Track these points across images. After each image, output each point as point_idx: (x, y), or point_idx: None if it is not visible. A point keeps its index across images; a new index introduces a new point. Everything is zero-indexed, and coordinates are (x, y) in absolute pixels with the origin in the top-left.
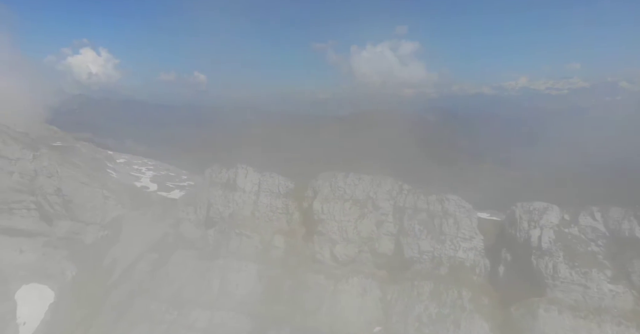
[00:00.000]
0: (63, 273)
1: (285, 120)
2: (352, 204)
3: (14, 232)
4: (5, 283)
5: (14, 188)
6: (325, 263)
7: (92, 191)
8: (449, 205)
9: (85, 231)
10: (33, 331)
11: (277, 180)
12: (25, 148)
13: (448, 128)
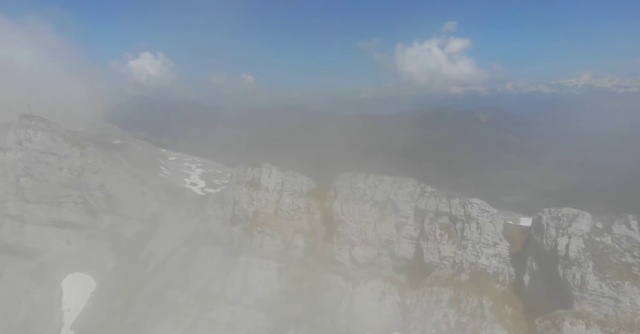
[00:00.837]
0: (104, 264)
1: (328, 119)
2: (372, 206)
3: (63, 224)
4: (54, 271)
5: (63, 183)
6: (344, 265)
7: (132, 188)
8: (472, 209)
9: (125, 225)
10: (76, 317)
11: (299, 180)
12: (74, 145)
13: (501, 128)
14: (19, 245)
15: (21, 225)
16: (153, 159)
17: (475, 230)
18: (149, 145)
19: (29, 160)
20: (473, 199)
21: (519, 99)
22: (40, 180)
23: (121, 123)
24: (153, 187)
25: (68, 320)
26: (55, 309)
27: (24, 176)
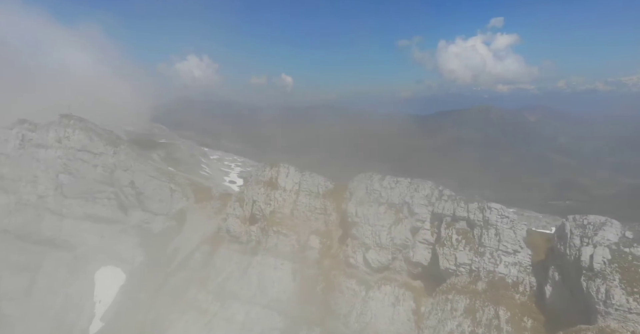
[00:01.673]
0: (133, 258)
1: (364, 119)
2: (387, 208)
3: (97, 219)
4: (88, 263)
5: (97, 179)
6: (358, 268)
7: (161, 185)
8: (491, 215)
9: (154, 220)
10: (105, 309)
11: (316, 180)
12: (108, 144)
13: (551, 128)
14: (57, 238)
15: (60, 219)
16: (195, 157)
17: (494, 236)
18: (192, 144)
19: (67, 157)
20: (492, 204)
21: (572, 97)
22: (77, 177)
23: (168, 123)
24: (181, 185)
25: (99, 312)
26: (88, 301)
27: (62, 173)
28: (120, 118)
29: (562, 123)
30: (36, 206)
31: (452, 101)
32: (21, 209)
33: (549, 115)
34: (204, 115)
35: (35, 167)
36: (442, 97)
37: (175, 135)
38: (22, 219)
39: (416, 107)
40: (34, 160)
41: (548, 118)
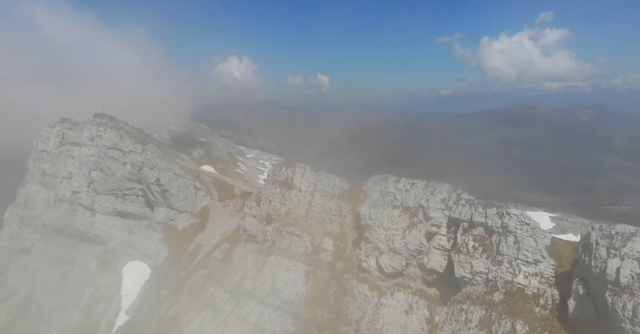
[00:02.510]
0: (158, 254)
1: (401, 118)
2: (402, 212)
3: (126, 215)
4: (117, 258)
5: (126, 177)
6: (371, 273)
7: (186, 183)
8: (510, 221)
9: (178, 218)
10: (131, 303)
11: (332, 181)
12: (137, 142)
13: (605, 128)
14: (89, 232)
15: (92, 214)
16: (232, 156)
17: (513, 244)
18: (230, 143)
19: (98, 155)
20: (512, 209)
21: (629, 96)
22: (108, 174)
23: (209, 122)
24: (206, 183)
25: (125, 305)
26: (115, 294)
27: (94, 170)
28: (164, 118)
29: (618, 123)
30: (71, 201)
31: (496, 99)
32: (57, 204)
33: (603, 114)
34: (243, 114)
35: (71, 164)
36: (485, 95)
37: (215, 134)
38: (58, 213)
39: (457, 105)
40: (70, 157)
41: (602, 118)
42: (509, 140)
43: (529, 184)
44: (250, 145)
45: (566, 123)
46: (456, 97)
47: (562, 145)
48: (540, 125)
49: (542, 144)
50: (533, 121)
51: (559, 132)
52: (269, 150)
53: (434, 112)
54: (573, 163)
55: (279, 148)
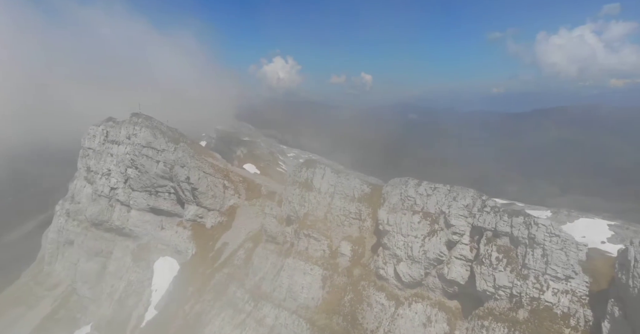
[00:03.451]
0: (186, 251)
1: (449, 117)
2: (422, 218)
3: (158, 211)
4: (149, 253)
5: (159, 174)
6: (389, 281)
7: (214, 181)
8: (538, 232)
9: (207, 215)
10: (159, 298)
11: (352, 183)
12: (170, 141)
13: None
14: (125, 227)
15: (128, 210)
16: (273, 155)
17: (540, 257)
18: (272, 142)
19: (134, 153)
20: (540, 219)
21: None
22: (142, 171)
23: (254, 121)
24: (234, 182)
25: (154, 300)
26: (146, 289)
27: (130, 167)
28: (212, 118)
29: None
30: (109, 197)
31: (553, 97)
32: (97, 199)
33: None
34: (286, 114)
35: (109, 161)
36: (540, 93)
37: (259, 134)
38: (98, 208)
39: (509, 104)
40: (109, 154)
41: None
42: (566, 141)
43: (587, 188)
44: (291, 144)
45: (634, 123)
46: (508, 95)
47: (626, 147)
48: (603, 125)
49: (604, 146)
50: (595, 121)
51: (624, 133)
52: (310, 149)
53: (482, 110)
54: (638, 167)
55: (320, 147)
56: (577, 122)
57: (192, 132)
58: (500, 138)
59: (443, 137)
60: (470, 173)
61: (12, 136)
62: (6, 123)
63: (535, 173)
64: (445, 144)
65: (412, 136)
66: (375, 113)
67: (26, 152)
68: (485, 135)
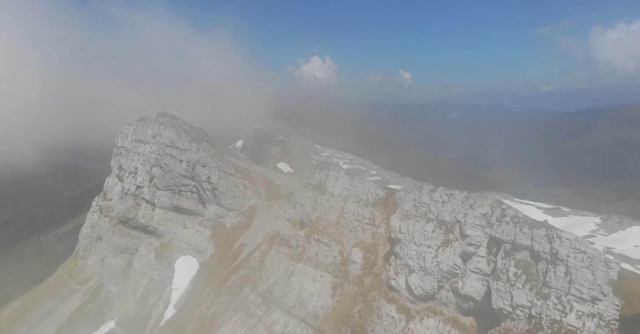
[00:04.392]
0: (206, 251)
1: (493, 116)
2: (436, 226)
3: (181, 210)
4: (171, 252)
5: (182, 174)
6: (400, 292)
7: (235, 181)
8: (561, 247)
9: (227, 215)
10: (178, 297)
11: (366, 187)
12: (193, 141)
13: None
14: (150, 225)
15: (152, 208)
16: (307, 154)
17: (563, 275)
18: (306, 141)
19: (158, 152)
20: (564, 233)
21: None
22: (166, 170)
23: (291, 121)
24: (255, 182)
25: (174, 298)
26: (167, 287)
27: (155, 166)
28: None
29: None
30: (135, 195)
31: (609, 96)
32: (124, 197)
33: None
34: (322, 113)
35: (136, 160)
36: (594, 91)
37: (295, 133)
38: (125, 206)
39: (560, 102)
40: (136, 153)
41: None
42: (623, 142)
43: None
44: (327, 143)
45: None
46: (559, 93)
47: None
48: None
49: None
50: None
51: None
52: (345, 148)
53: (532, 109)
54: None
55: (356, 146)
56: (635, 122)
57: (230, 131)
58: (551, 138)
59: (488, 137)
60: (516, 175)
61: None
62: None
63: (589, 177)
64: (490, 144)
65: (453, 135)
66: (414, 112)
67: (85, 148)
68: (534, 135)
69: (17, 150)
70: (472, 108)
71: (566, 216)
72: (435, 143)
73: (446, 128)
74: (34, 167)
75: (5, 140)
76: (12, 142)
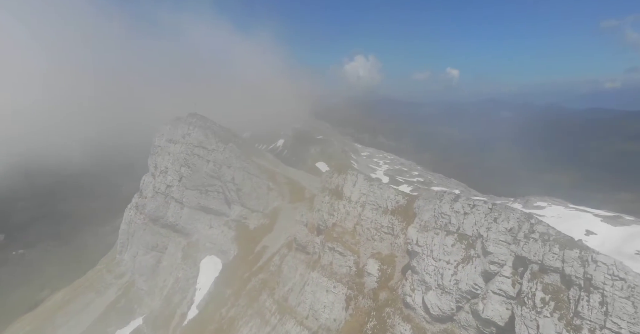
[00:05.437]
0: (229, 252)
1: (549, 115)
2: (457, 240)
3: (208, 210)
4: (197, 251)
5: (209, 174)
6: (416, 311)
7: (259, 182)
8: (596, 272)
9: (250, 217)
10: (201, 298)
11: (385, 193)
12: (220, 141)
13: None
14: (178, 224)
15: (181, 207)
16: (346, 154)
17: (598, 306)
18: (346, 141)
19: (186, 152)
20: (600, 256)
21: None
22: (194, 170)
23: (332, 120)
24: (279, 183)
25: (197, 299)
26: (191, 287)
27: (184, 166)
28: (291, 117)
29: None
30: (165, 194)
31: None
32: (155, 196)
33: None
34: (364, 112)
35: (167, 159)
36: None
37: (335, 132)
38: (155, 204)
39: (627, 101)
40: (167, 153)
41: None
42: None
43: None
44: (368, 143)
45: None
46: (626, 91)
47: None
48: None
49: None
50: None
51: None
52: (386, 148)
53: (590, 108)
54: None
55: (398, 146)
56: None
57: (272, 131)
58: (613, 138)
59: (542, 137)
60: (572, 179)
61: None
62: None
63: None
64: (544, 145)
65: (503, 135)
66: (462, 110)
67: (139, 145)
68: (594, 135)
69: (66, 146)
70: (524, 107)
71: (628, 226)
72: (484, 143)
73: (496, 128)
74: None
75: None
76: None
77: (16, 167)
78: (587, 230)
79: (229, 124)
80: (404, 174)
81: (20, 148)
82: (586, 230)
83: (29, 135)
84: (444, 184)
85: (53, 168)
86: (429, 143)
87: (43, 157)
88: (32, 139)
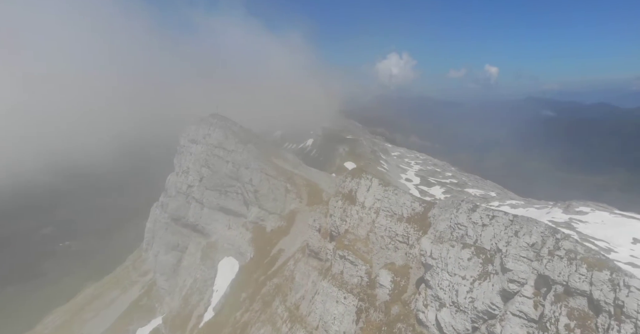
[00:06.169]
0: (246, 254)
1: (590, 114)
2: (474, 254)
3: (227, 211)
4: (216, 252)
5: (228, 174)
6: (429, 329)
7: (277, 184)
8: (629, 299)
9: (268, 219)
10: (217, 300)
11: (401, 199)
12: (240, 142)
13: None
14: (198, 224)
15: (201, 208)
16: (375, 153)
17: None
18: (376, 141)
19: (207, 153)
20: (634, 280)
21: None
22: (214, 171)
23: (362, 119)
24: (297, 185)
25: (214, 300)
26: (208, 288)
27: (204, 166)
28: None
29: None
30: (186, 194)
31: None
32: (177, 195)
33: None
34: (397, 111)
35: (189, 159)
36: None
37: (365, 132)
38: (176, 204)
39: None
40: (189, 153)
41: None
42: None
43: None
44: (400, 142)
45: None
46: None
47: None
48: None
49: None
50: None
51: None
52: (419, 148)
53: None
54: None
55: (432, 146)
56: None
57: (302, 130)
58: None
59: (589, 137)
60: (622, 182)
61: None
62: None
63: None
64: (592, 145)
65: (546, 135)
66: (501, 109)
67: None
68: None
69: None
70: (569, 106)
71: None
72: (524, 143)
73: (537, 127)
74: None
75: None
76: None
77: (55, 165)
78: (635, 238)
79: (260, 124)
80: (437, 175)
81: (57, 146)
82: (633, 238)
83: (66, 134)
84: (479, 186)
85: (89, 165)
86: (465, 143)
87: (80, 153)
88: (69, 138)
